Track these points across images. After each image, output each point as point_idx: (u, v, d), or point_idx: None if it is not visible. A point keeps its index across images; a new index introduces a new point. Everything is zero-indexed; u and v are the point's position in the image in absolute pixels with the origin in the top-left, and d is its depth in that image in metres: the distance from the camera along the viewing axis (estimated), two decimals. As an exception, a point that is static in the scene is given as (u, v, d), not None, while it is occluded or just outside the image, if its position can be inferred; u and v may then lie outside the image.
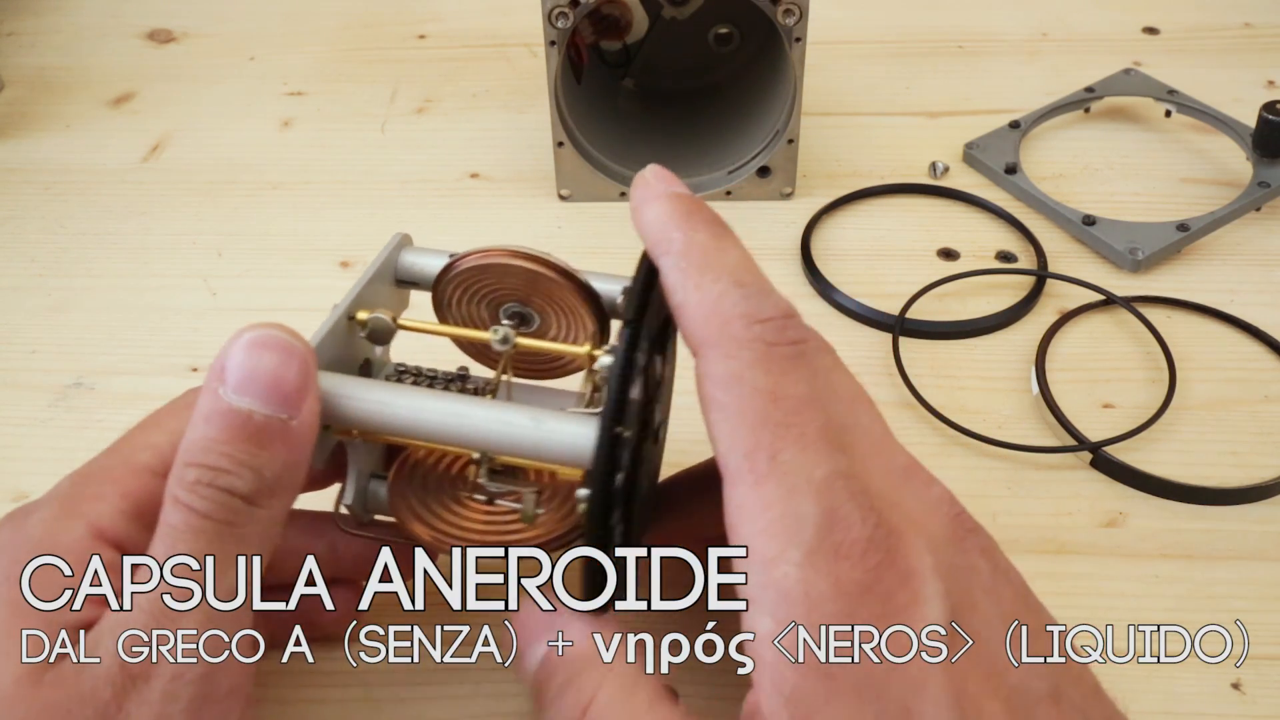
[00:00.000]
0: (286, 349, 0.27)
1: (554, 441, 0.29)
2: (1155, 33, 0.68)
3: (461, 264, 0.33)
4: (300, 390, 0.27)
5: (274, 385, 0.26)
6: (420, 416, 0.29)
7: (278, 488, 0.26)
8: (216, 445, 0.26)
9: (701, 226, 0.28)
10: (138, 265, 0.53)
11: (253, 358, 0.26)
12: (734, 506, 0.25)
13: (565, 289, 0.32)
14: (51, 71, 0.67)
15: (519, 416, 0.29)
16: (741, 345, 0.26)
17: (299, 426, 0.27)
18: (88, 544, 0.27)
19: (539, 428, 0.29)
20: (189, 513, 0.25)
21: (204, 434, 0.26)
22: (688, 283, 0.27)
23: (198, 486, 0.26)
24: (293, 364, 0.27)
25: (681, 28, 0.58)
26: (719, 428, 0.26)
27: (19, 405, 0.46)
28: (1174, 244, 0.51)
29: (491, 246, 0.32)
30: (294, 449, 0.27)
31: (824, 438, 0.25)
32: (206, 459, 0.26)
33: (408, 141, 0.61)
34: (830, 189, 0.56)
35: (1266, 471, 0.42)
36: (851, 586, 0.24)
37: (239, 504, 0.26)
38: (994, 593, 0.26)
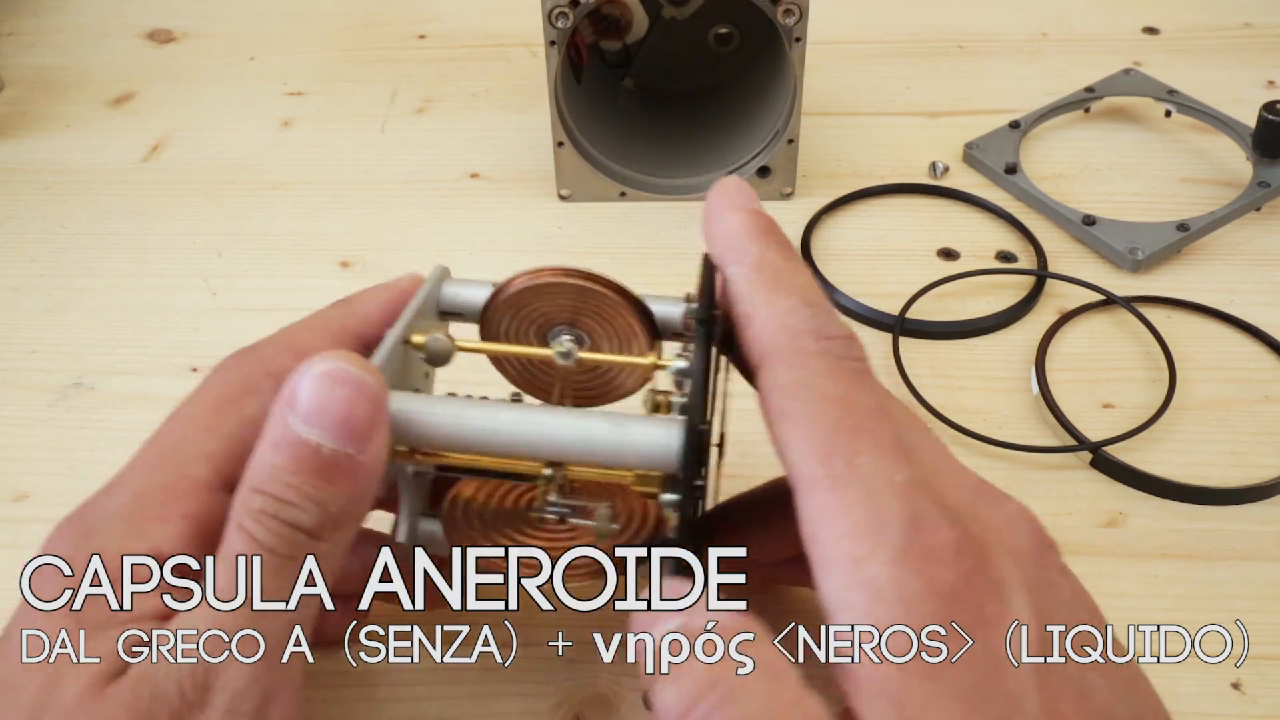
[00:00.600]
0: (358, 385, 0.27)
1: (635, 444, 0.28)
2: (1155, 33, 0.68)
3: (512, 286, 0.32)
4: (369, 425, 0.26)
5: (344, 421, 0.26)
6: (495, 427, 0.28)
7: (342, 521, 0.26)
8: (283, 475, 0.26)
9: (775, 246, 0.29)
10: (138, 265, 0.53)
11: (324, 390, 0.26)
12: (813, 512, 0.25)
13: (618, 305, 0.32)
14: (51, 71, 0.67)
15: (597, 421, 0.28)
16: (810, 356, 0.26)
17: (367, 461, 0.26)
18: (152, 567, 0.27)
19: (619, 430, 0.28)
20: (252, 543, 0.25)
21: (272, 461, 0.26)
22: (758, 295, 0.28)
23: (262, 517, 0.25)
24: (364, 400, 0.26)
25: (681, 28, 0.58)
26: (791, 435, 0.25)
27: (19, 405, 0.46)
28: (1174, 244, 0.51)
29: (540, 268, 0.32)
30: (360, 484, 0.27)
31: (897, 447, 0.25)
32: (273, 488, 0.26)
33: (408, 141, 0.61)
34: (830, 189, 0.56)
35: (1266, 471, 0.42)
36: (945, 589, 0.24)
37: (302, 538, 0.26)
38: (1073, 610, 0.26)
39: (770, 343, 0.27)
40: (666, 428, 0.28)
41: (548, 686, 0.35)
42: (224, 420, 0.29)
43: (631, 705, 0.35)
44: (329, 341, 0.31)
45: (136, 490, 0.28)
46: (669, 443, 0.28)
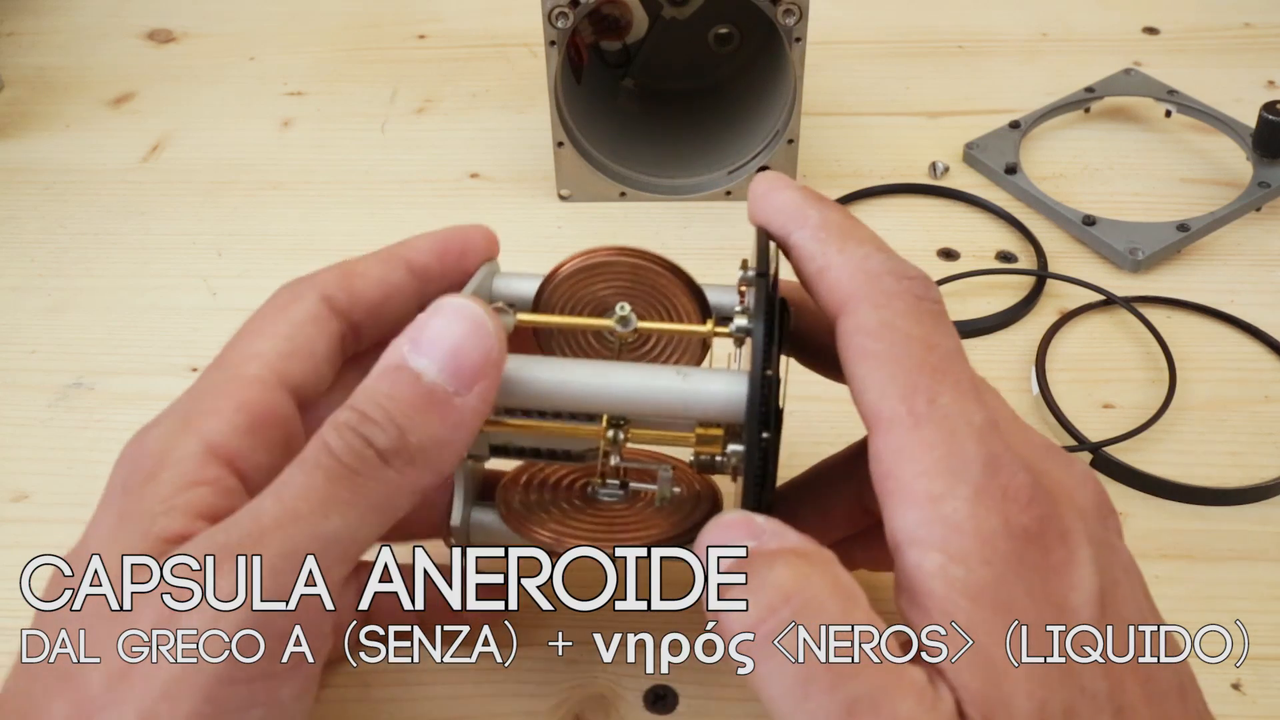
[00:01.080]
0: (477, 324, 0.27)
1: (701, 392, 0.28)
2: (1155, 33, 0.68)
3: (567, 266, 0.32)
4: (477, 370, 0.26)
5: (452, 355, 0.26)
6: (567, 379, 0.29)
7: (418, 458, 0.26)
8: (376, 396, 0.26)
9: (833, 208, 0.29)
10: (138, 265, 0.53)
11: (444, 323, 0.27)
12: (891, 451, 0.25)
13: (672, 284, 0.32)
14: (51, 71, 0.67)
15: (664, 370, 0.29)
16: (893, 296, 0.27)
17: (463, 405, 0.26)
18: (200, 459, 0.27)
19: (686, 379, 0.28)
20: (322, 449, 0.25)
21: (374, 386, 0.26)
22: (829, 248, 0.28)
23: (342, 428, 0.26)
24: (479, 342, 0.27)
25: (681, 28, 0.58)
26: (872, 375, 0.26)
27: (19, 405, 0.46)
28: (1174, 244, 0.51)
29: (594, 248, 0.32)
30: (450, 426, 0.26)
31: (975, 390, 0.26)
32: (363, 405, 0.26)
33: (408, 141, 0.61)
34: (830, 189, 0.56)
35: (1266, 471, 0.42)
36: (1019, 530, 0.24)
37: (371, 455, 0.25)
38: (1131, 574, 0.27)
39: (850, 286, 0.27)
40: (734, 376, 0.28)
41: (548, 686, 0.35)
42: (271, 324, 0.30)
43: (631, 705, 0.35)
44: (377, 262, 0.32)
45: (193, 392, 0.29)
46: (736, 390, 0.28)
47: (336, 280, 0.31)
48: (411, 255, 0.32)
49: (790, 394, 0.45)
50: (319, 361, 0.30)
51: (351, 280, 0.31)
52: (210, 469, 0.27)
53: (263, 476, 0.27)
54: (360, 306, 0.31)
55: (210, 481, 0.27)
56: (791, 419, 0.44)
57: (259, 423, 0.28)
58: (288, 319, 0.30)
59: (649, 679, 0.35)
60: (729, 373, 0.29)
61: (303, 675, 0.25)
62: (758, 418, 0.27)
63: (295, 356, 0.30)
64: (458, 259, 0.33)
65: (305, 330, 0.30)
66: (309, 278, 0.32)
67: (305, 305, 0.31)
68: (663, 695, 0.35)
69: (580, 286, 0.32)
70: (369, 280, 0.32)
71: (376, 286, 0.32)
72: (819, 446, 0.43)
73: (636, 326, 0.31)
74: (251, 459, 0.28)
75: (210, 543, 0.25)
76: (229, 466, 0.27)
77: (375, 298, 0.32)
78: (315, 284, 0.31)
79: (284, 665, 0.25)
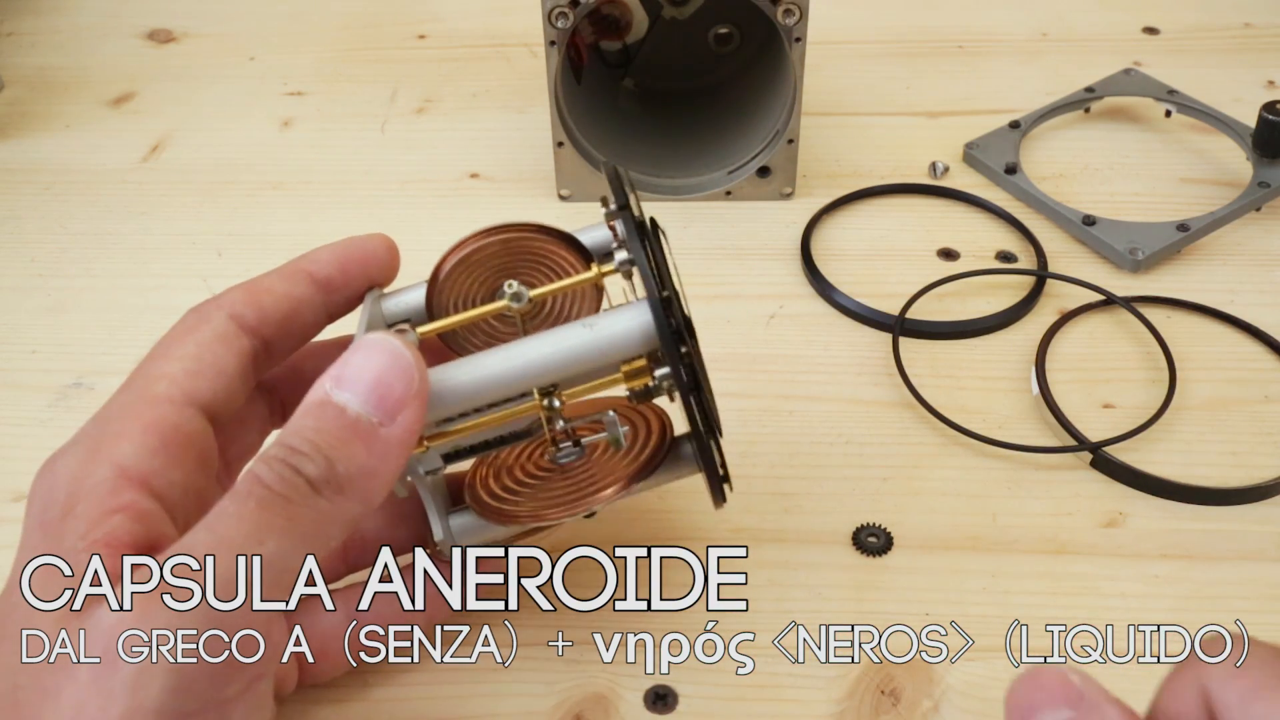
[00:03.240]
0: (398, 358, 0.28)
1: (612, 333, 0.30)
2: (1155, 33, 0.68)
3: (443, 270, 0.33)
4: (399, 401, 0.27)
5: (374, 387, 0.27)
6: (484, 374, 0.29)
7: (347, 487, 0.27)
8: (303, 430, 0.27)
9: None
10: (138, 265, 0.53)
11: (364, 358, 0.28)
12: None
13: (545, 242, 0.33)
14: (51, 71, 0.67)
15: (570, 330, 0.30)
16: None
17: (388, 435, 0.27)
18: (113, 485, 0.27)
19: (594, 330, 0.30)
20: (253, 481, 0.26)
21: (299, 423, 0.27)
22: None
23: (271, 460, 0.26)
24: (400, 374, 0.28)
25: (681, 28, 0.58)
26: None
27: (19, 405, 0.46)
28: (1174, 244, 0.51)
29: (460, 240, 0.33)
30: (377, 455, 0.27)
31: None
32: (290, 440, 0.27)
33: (408, 141, 0.61)
34: (830, 189, 0.56)
35: (1266, 471, 0.42)
36: None
37: (302, 483, 0.26)
38: None
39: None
40: (634, 309, 0.30)
41: (548, 686, 0.35)
42: (179, 346, 0.31)
43: (631, 705, 0.35)
44: (280, 278, 0.33)
45: (99, 418, 0.29)
46: (642, 321, 0.29)
47: (243, 298, 0.32)
48: (313, 268, 0.33)
49: (791, 394, 0.45)
50: (230, 378, 0.30)
51: (258, 297, 0.32)
52: (124, 494, 0.27)
53: (178, 494, 0.28)
54: (269, 322, 0.32)
55: (125, 507, 0.27)
56: (791, 418, 0.44)
57: (169, 441, 0.28)
58: (195, 339, 0.31)
59: (649, 679, 0.35)
60: (629, 307, 0.30)
61: (252, 697, 0.26)
62: (671, 338, 0.28)
63: (203, 375, 0.30)
64: (360, 268, 0.33)
65: (213, 349, 0.30)
66: (215, 299, 0.32)
67: (213, 325, 0.31)
68: (663, 695, 0.35)
69: (463, 279, 0.33)
70: (275, 296, 0.32)
71: (283, 301, 0.32)
72: (819, 446, 0.43)
73: (530, 297, 0.32)
74: (165, 477, 0.28)
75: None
76: (144, 488, 0.27)
77: (282, 312, 0.32)
78: (222, 304, 0.32)
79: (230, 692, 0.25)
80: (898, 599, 0.38)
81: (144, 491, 0.27)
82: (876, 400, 0.45)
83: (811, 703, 0.35)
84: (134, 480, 0.27)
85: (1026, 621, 0.36)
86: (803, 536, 0.40)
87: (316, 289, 0.33)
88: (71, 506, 0.27)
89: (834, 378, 0.46)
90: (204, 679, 0.25)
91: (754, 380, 0.46)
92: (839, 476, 0.42)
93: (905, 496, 0.41)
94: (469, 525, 0.34)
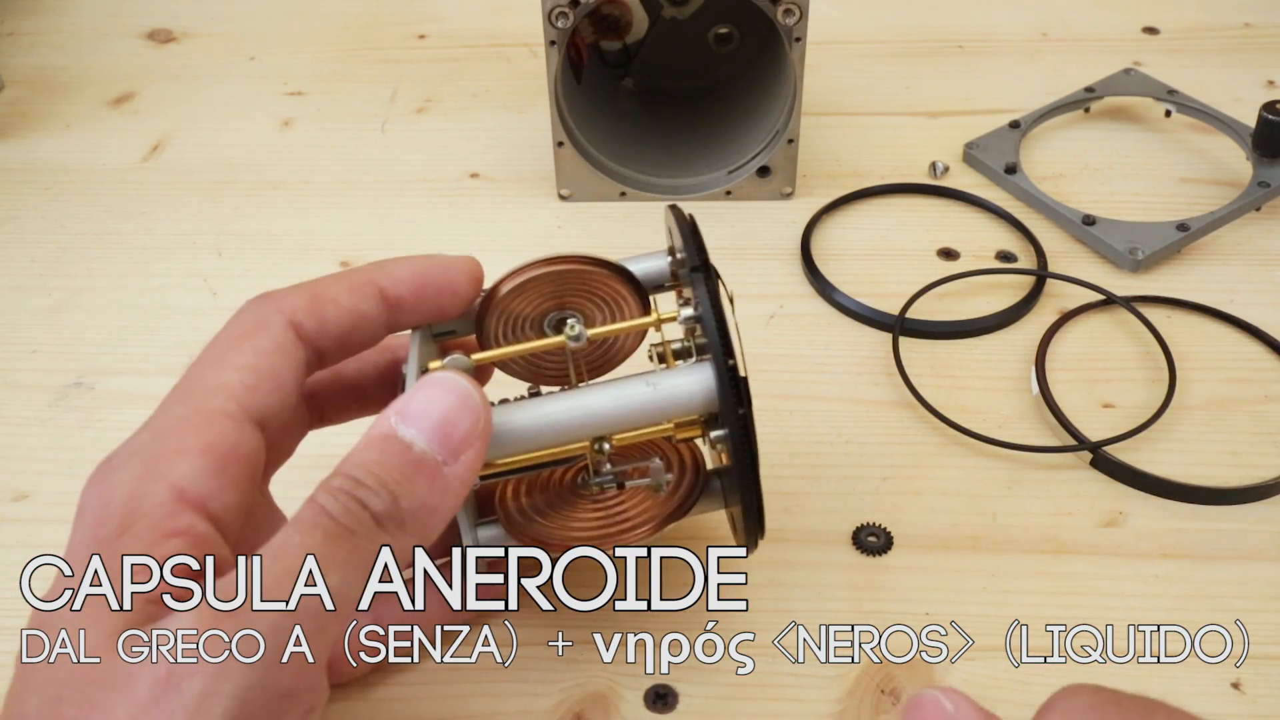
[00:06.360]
0: (466, 399, 0.28)
1: (676, 397, 0.30)
2: (1155, 33, 0.68)
3: (499, 293, 0.33)
4: (465, 441, 0.28)
5: (440, 426, 0.27)
6: (546, 421, 0.30)
7: (409, 522, 0.27)
8: (369, 464, 0.27)
9: None
10: (138, 265, 0.53)
11: (434, 395, 0.28)
12: None
13: (599, 276, 0.33)
14: (51, 71, 0.67)
15: (634, 385, 0.30)
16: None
17: (450, 474, 0.27)
18: (171, 509, 0.26)
19: (657, 390, 0.30)
20: (319, 511, 0.26)
21: (363, 454, 0.27)
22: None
23: (336, 492, 0.26)
24: (467, 415, 0.28)
25: (681, 28, 0.58)
26: None
27: (19, 405, 0.46)
28: (1174, 244, 0.51)
29: (515, 268, 0.32)
30: (438, 493, 0.27)
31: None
32: (355, 472, 0.27)
33: (408, 141, 0.61)
34: (830, 189, 0.56)
35: (1266, 471, 0.42)
36: None
37: (367, 517, 0.26)
38: None
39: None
40: (699, 372, 0.30)
41: (548, 686, 0.35)
42: (237, 354, 0.30)
43: (631, 705, 0.35)
44: (348, 289, 0.31)
45: (155, 428, 0.29)
46: (705, 385, 0.30)
47: (305, 306, 0.31)
48: (387, 284, 0.32)
49: (791, 394, 0.45)
50: (286, 393, 0.30)
51: (322, 307, 0.31)
52: (182, 518, 0.26)
53: (232, 517, 0.28)
54: (328, 335, 0.31)
55: (183, 532, 0.26)
56: (791, 418, 0.44)
57: (227, 462, 0.28)
58: (254, 348, 0.30)
59: (649, 679, 0.35)
60: (692, 369, 0.30)
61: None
62: (738, 419, 0.29)
63: (261, 389, 0.29)
64: (434, 294, 0.32)
65: (272, 360, 0.30)
66: (275, 300, 0.31)
67: (272, 334, 0.30)
68: (663, 695, 0.35)
69: (515, 304, 0.33)
70: (339, 308, 0.31)
71: (346, 316, 0.31)
72: (819, 446, 0.43)
73: (587, 337, 0.32)
74: (221, 500, 0.27)
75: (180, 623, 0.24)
76: (201, 511, 0.27)
77: (344, 328, 0.31)
78: (283, 308, 0.30)
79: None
80: (898, 599, 0.38)
81: (201, 515, 0.27)
82: (876, 400, 0.45)
83: (811, 702, 0.35)
84: (192, 503, 0.27)
85: (1026, 621, 0.36)
86: (803, 536, 0.40)
87: (384, 308, 0.32)
88: (128, 525, 0.26)
89: (834, 377, 0.46)
90: (264, 709, 0.24)
91: (754, 380, 0.45)
92: (839, 476, 0.42)
93: (905, 496, 0.41)
94: (497, 537, 0.34)
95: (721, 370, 0.29)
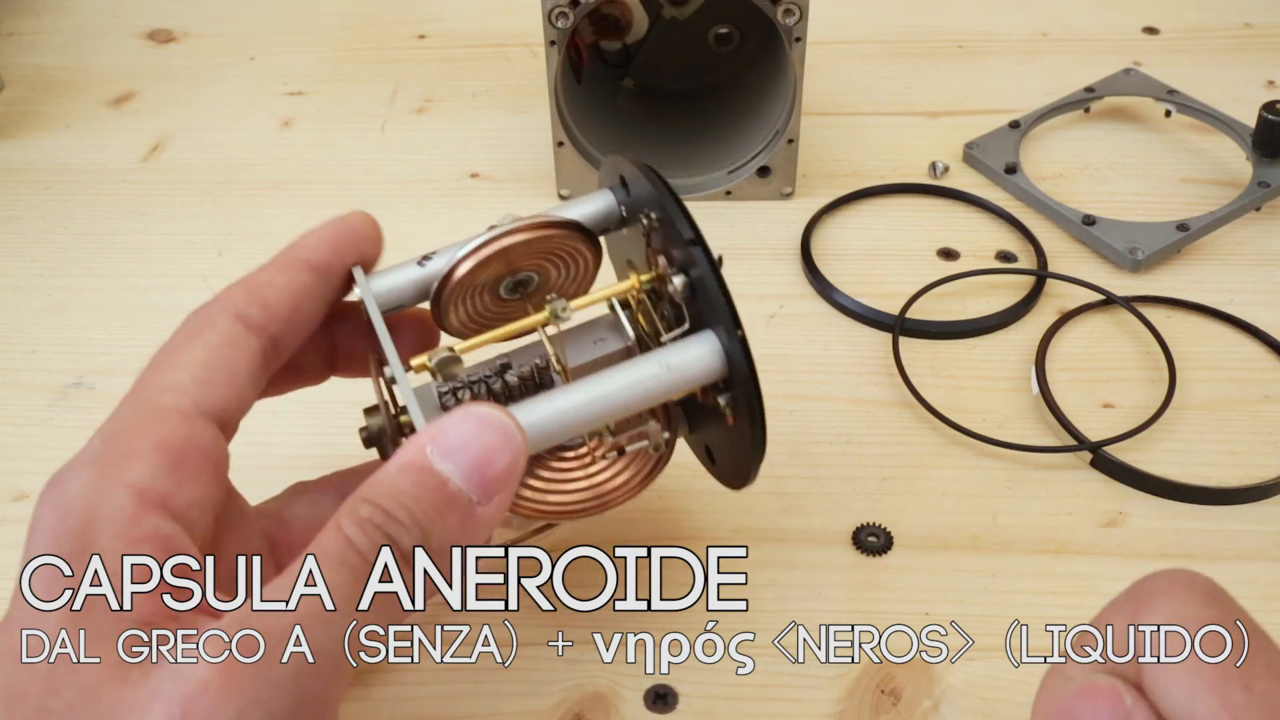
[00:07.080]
0: (509, 439, 0.27)
1: (689, 373, 0.31)
2: (1155, 33, 0.68)
3: (456, 272, 0.33)
4: (501, 480, 0.27)
5: (479, 464, 0.27)
6: (567, 418, 0.30)
7: (436, 559, 0.26)
8: (400, 495, 0.26)
9: None
10: (138, 265, 0.53)
11: (474, 430, 0.27)
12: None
13: (549, 238, 0.33)
14: (51, 71, 0.67)
15: (647, 368, 0.31)
16: None
17: (482, 514, 0.27)
18: (133, 513, 0.26)
19: (672, 371, 0.31)
20: (346, 544, 0.25)
21: (394, 483, 0.26)
22: None
23: (366, 524, 0.26)
24: (506, 454, 0.27)
25: (681, 28, 0.58)
26: None
27: (19, 405, 0.46)
28: (1174, 244, 0.51)
29: (470, 246, 0.33)
30: (468, 531, 0.27)
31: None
32: (386, 503, 0.26)
33: (408, 141, 0.61)
34: (830, 189, 0.56)
35: (1266, 471, 0.42)
36: None
37: (395, 555, 0.26)
38: None
39: None
40: (703, 345, 0.31)
41: (548, 686, 0.35)
42: (185, 352, 0.30)
43: (631, 705, 0.35)
44: (278, 270, 0.32)
45: (106, 435, 0.28)
46: (716, 359, 0.31)
47: (246, 296, 0.31)
48: (309, 254, 0.32)
49: (790, 394, 0.45)
50: (241, 384, 0.30)
51: (261, 292, 0.31)
52: (147, 520, 0.26)
53: (197, 513, 0.27)
54: (276, 318, 0.31)
55: (149, 537, 0.26)
56: (791, 418, 0.44)
57: (183, 457, 0.27)
58: (202, 344, 0.30)
59: (649, 679, 0.35)
60: (697, 342, 0.31)
61: None
62: (756, 388, 0.30)
63: (214, 383, 0.29)
64: (351, 248, 0.33)
65: (222, 353, 0.29)
66: (216, 300, 0.31)
67: (218, 328, 0.30)
68: (663, 695, 0.35)
69: (471, 282, 0.34)
70: (277, 289, 0.31)
71: (286, 294, 0.31)
72: (819, 445, 0.43)
73: (570, 309, 0.33)
74: (182, 496, 0.27)
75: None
76: (163, 510, 0.26)
77: (288, 306, 0.31)
78: (224, 305, 0.31)
79: None
80: (898, 599, 0.38)
81: (164, 514, 0.26)
82: (876, 400, 0.45)
83: (811, 702, 0.35)
84: (153, 503, 0.26)
85: (1026, 621, 0.36)
86: (803, 536, 0.40)
87: (315, 275, 0.32)
88: (92, 536, 0.26)
89: (834, 377, 0.46)
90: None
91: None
92: (839, 476, 0.42)
93: (905, 496, 0.41)
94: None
95: (736, 346, 0.30)
